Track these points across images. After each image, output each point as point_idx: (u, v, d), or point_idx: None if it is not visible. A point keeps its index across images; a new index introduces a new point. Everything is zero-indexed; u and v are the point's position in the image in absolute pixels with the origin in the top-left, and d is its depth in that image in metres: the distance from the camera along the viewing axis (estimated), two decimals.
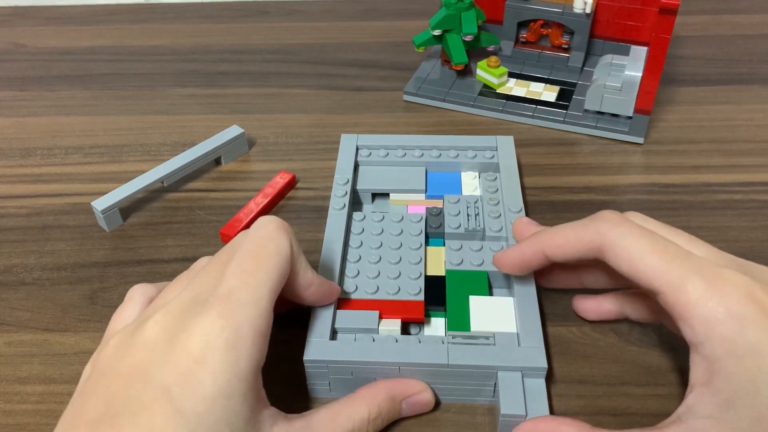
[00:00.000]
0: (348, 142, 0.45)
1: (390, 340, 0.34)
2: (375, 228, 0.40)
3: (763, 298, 0.27)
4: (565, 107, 0.52)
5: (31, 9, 0.71)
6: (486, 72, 0.54)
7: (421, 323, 0.36)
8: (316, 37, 0.64)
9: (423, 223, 0.40)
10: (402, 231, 0.39)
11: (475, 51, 0.56)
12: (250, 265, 0.29)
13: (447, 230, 0.39)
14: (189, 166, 0.46)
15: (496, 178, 0.43)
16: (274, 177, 0.47)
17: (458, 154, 0.44)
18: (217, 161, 0.49)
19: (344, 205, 0.40)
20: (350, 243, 0.39)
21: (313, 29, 0.66)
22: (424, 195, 0.43)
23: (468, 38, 0.53)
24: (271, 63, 0.61)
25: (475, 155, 0.44)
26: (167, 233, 0.44)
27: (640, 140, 0.49)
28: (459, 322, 0.34)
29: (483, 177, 0.43)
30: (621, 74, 0.49)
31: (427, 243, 0.39)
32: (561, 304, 0.38)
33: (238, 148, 0.49)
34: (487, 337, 0.34)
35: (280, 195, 0.46)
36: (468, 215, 0.40)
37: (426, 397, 0.33)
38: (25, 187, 0.48)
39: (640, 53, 0.49)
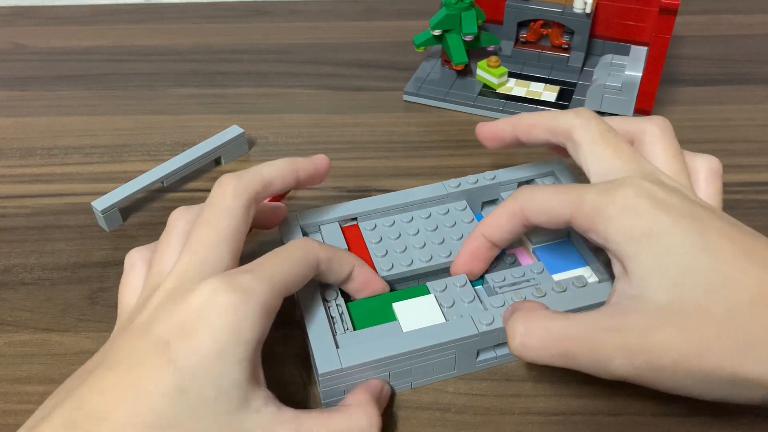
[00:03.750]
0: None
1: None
2: (448, 221, 0.39)
3: (655, 193, 0.29)
4: (565, 107, 0.52)
5: (31, 9, 0.71)
6: (486, 72, 0.54)
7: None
8: (316, 37, 0.64)
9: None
10: (462, 236, 0.39)
11: (475, 51, 0.56)
12: (272, 256, 0.30)
13: (490, 273, 0.37)
14: (189, 166, 0.46)
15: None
16: None
17: None
18: (217, 161, 0.49)
19: (459, 184, 0.40)
20: (420, 213, 0.40)
21: (313, 29, 0.66)
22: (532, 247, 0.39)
23: (468, 38, 0.53)
24: (271, 63, 0.61)
25: None
26: None
27: None
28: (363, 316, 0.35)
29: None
30: (621, 74, 0.49)
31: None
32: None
33: (238, 148, 0.49)
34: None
35: (280, 195, 0.46)
36: (523, 282, 0.36)
37: (388, 390, 0.33)
38: (25, 187, 0.48)
39: (640, 53, 0.49)
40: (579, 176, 0.39)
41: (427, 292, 0.35)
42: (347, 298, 0.36)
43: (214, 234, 0.30)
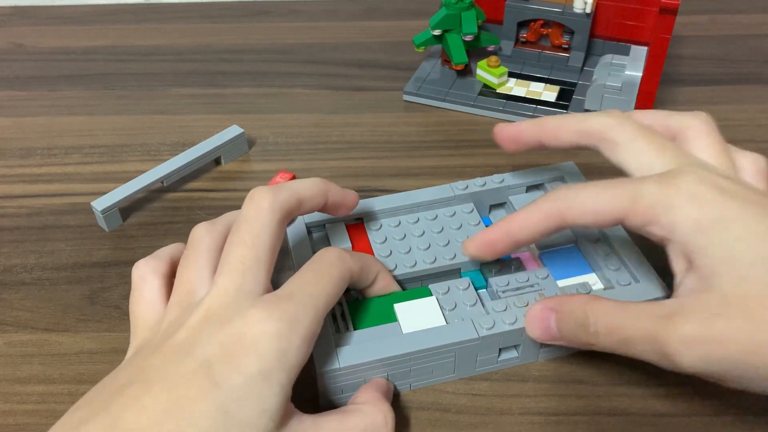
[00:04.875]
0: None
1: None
2: (454, 223, 0.39)
3: (717, 181, 0.28)
4: (565, 107, 0.52)
5: (31, 9, 0.71)
6: (486, 72, 0.54)
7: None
8: (316, 37, 0.64)
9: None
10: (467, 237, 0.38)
11: (475, 51, 0.56)
12: (312, 278, 0.30)
13: (494, 277, 0.37)
14: (189, 166, 0.46)
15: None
16: (273, 177, 0.47)
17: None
18: (217, 161, 0.49)
19: (466, 186, 0.40)
20: (426, 214, 0.40)
21: (313, 29, 0.66)
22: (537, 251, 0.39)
23: (468, 38, 0.53)
24: (271, 63, 0.61)
25: None
26: (167, 233, 0.44)
27: None
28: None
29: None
30: (621, 74, 0.49)
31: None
32: None
33: (237, 148, 0.49)
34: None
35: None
36: (527, 287, 0.36)
37: (392, 387, 0.34)
38: (25, 187, 0.48)
39: (640, 53, 0.49)
40: (590, 179, 0.39)
41: (429, 293, 0.35)
42: (348, 297, 0.36)
43: (252, 255, 0.29)
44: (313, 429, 0.28)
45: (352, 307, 0.35)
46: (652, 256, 0.35)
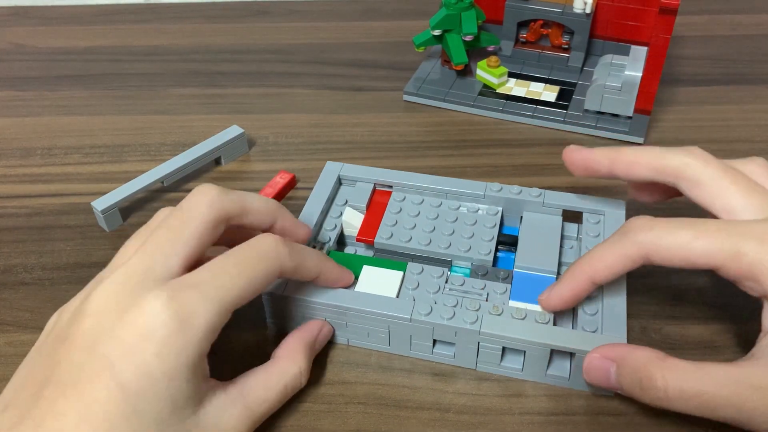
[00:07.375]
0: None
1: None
2: (470, 219, 0.39)
3: None
4: (565, 107, 0.52)
5: (31, 9, 0.71)
6: (486, 72, 0.54)
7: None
8: (316, 37, 0.64)
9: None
10: (473, 235, 0.38)
11: (475, 51, 0.56)
12: (231, 267, 0.29)
13: (455, 275, 0.37)
14: (189, 166, 0.46)
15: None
16: (273, 177, 0.47)
17: None
18: (217, 161, 0.49)
19: (500, 189, 0.40)
20: (451, 203, 0.40)
21: (313, 29, 0.66)
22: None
23: (468, 38, 0.53)
24: (271, 63, 0.61)
25: None
26: None
27: (640, 140, 0.49)
28: None
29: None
30: (621, 74, 0.49)
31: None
32: None
33: (238, 148, 0.49)
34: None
35: (280, 195, 0.46)
36: (475, 294, 0.36)
37: (328, 328, 0.35)
38: (25, 187, 0.48)
39: (640, 53, 0.49)
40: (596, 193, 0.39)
41: (402, 269, 0.37)
42: (340, 248, 0.40)
43: (170, 239, 0.30)
44: (240, 398, 0.30)
45: (332, 255, 0.38)
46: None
